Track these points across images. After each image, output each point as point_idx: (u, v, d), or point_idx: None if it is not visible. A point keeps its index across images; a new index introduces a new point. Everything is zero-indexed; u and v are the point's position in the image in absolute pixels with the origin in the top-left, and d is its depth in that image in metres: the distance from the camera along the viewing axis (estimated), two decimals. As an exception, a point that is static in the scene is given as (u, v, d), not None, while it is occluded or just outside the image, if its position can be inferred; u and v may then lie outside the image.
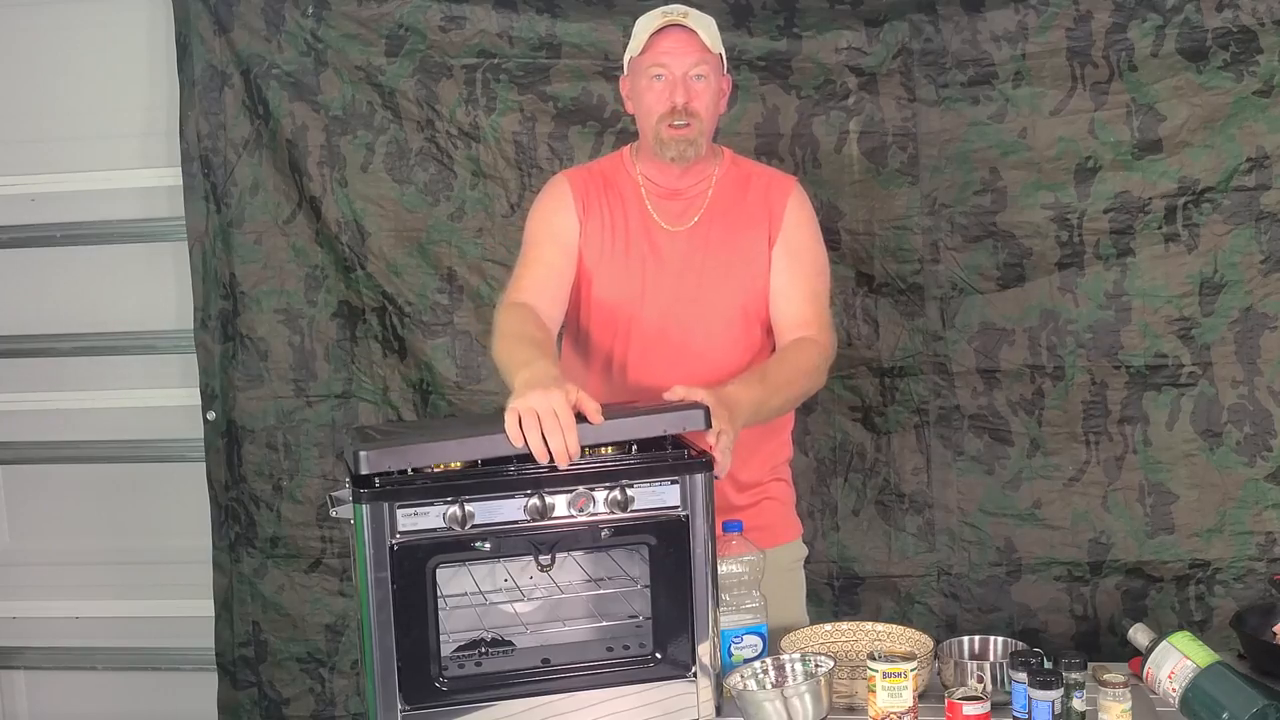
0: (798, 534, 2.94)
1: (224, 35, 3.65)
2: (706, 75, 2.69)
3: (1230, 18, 3.29)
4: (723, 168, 2.81)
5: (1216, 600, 3.43)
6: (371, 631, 2.23)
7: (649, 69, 2.69)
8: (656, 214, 2.77)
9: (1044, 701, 2.21)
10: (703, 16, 2.71)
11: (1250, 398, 3.39)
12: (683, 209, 2.77)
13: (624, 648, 2.42)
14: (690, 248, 2.75)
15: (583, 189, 2.81)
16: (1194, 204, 3.37)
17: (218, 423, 3.79)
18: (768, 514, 2.83)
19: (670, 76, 2.67)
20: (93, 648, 4.08)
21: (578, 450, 2.25)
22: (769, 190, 2.78)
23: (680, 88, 2.66)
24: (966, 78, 3.42)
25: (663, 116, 2.68)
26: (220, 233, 3.73)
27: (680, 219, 2.77)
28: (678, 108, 2.66)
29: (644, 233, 2.76)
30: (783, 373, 2.63)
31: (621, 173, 2.83)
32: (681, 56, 2.67)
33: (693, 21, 2.68)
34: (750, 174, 2.82)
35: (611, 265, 2.77)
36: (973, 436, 3.52)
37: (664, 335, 2.75)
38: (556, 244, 2.78)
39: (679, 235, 2.76)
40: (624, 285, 2.76)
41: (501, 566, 2.46)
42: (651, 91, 2.69)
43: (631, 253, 2.76)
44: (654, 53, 2.68)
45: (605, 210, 2.79)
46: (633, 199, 2.79)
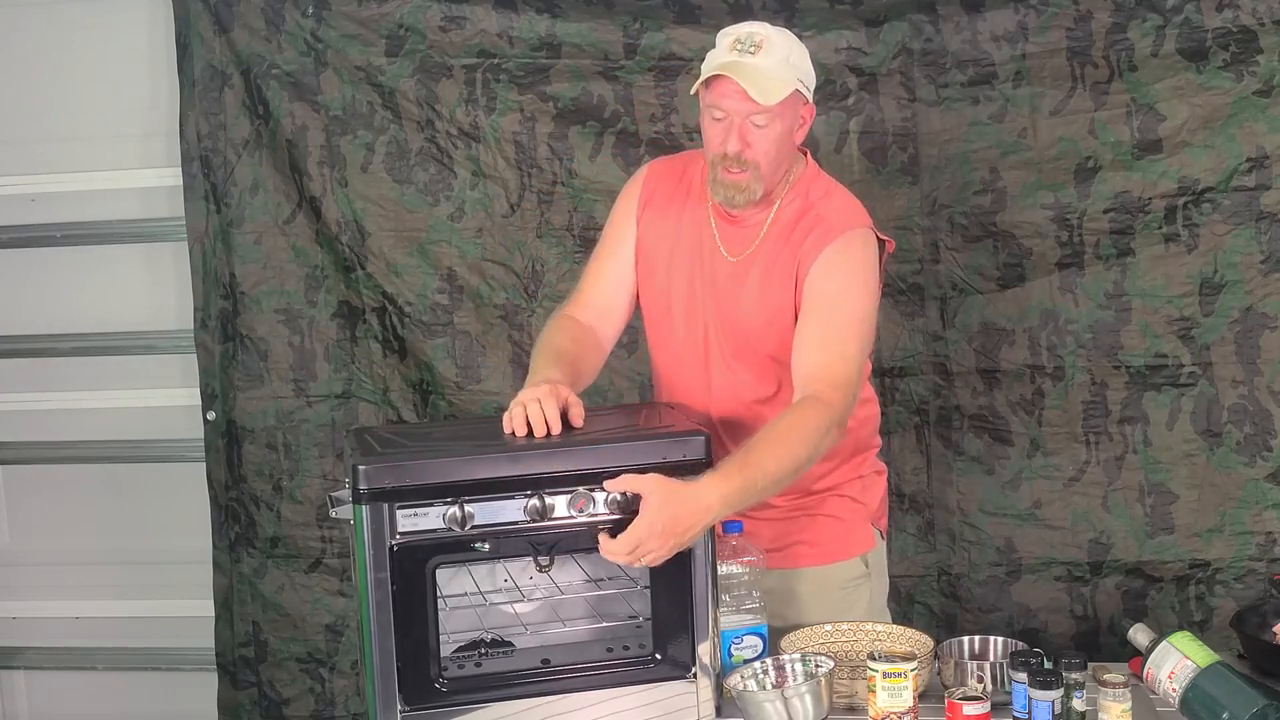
0: (858, 553, 2.78)
1: (224, 35, 3.65)
2: (768, 123, 2.50)
3: (1230, 18, 3.29)
4: (787, 198, 2.62)
5: (1216, 600, 3.43)
6: (371, 632, 2.24)
7: (708, 107, 2.54)
8: (720, 238, 2.65)
9: (1044, 702, 2.21)
10: (778, 46, 2.51)
11: (1250, 398, 3.39)
12: (742, 238, 2.63)
13: (624, 648, 2.42)
14: (736, 279, 2.63)
15: (654, 187, 2.73)
16: (1194, 204, 3.37)
17: (218, 423, 3.79)
18: (820, 530, 2.74)
19: (729, 120, 2.51)
20: (93, 648, 4.08)
21: (556, 423, 2.35)
22: (811, 232, 2.57)
23: (735, 135, 2.51)
24: (966, 78, 3.42)
25: (716, 159, 2.54)
26: (220, 233, 3.73)
27: (738, 248, 2.63)
28: (729, 155, 2.52)
29: (702, 253, 2.66)
30: (771, 448, 2.37)
31: (699, 181, 2.68)
32: (738, 103, 2.49)
33: (758, 61, 2.47)
34: (810, 208, 2.60)
35: (666, 275, 2.69)
36: (973, 436, 3.52)
37: (697, 356, 2.67)
38: (617, 254, 2.74)
39: (733, 265, 2.63)
40: (672, 299, 2.68)
41: (501, 567, 2.46)
42: (710, 128, 2.55)
43: (684, 270, 2.66)
44: (714, 93, 2.52)
45: (673, 216, 2.69)
46: (700, 214, 2.67)
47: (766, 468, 2.34)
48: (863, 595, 2.80)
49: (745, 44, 2.50)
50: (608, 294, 2.75)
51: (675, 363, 2.72)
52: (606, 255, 2.77)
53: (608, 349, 2.77)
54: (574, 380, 2.51)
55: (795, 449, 2.38)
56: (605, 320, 2.74)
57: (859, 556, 2.80)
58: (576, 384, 2.51)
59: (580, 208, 3.59)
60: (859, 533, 2.81)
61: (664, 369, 2.77)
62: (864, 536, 2.82)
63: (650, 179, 2.76)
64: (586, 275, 2.80)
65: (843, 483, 2.75)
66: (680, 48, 3.48)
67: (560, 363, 2.55)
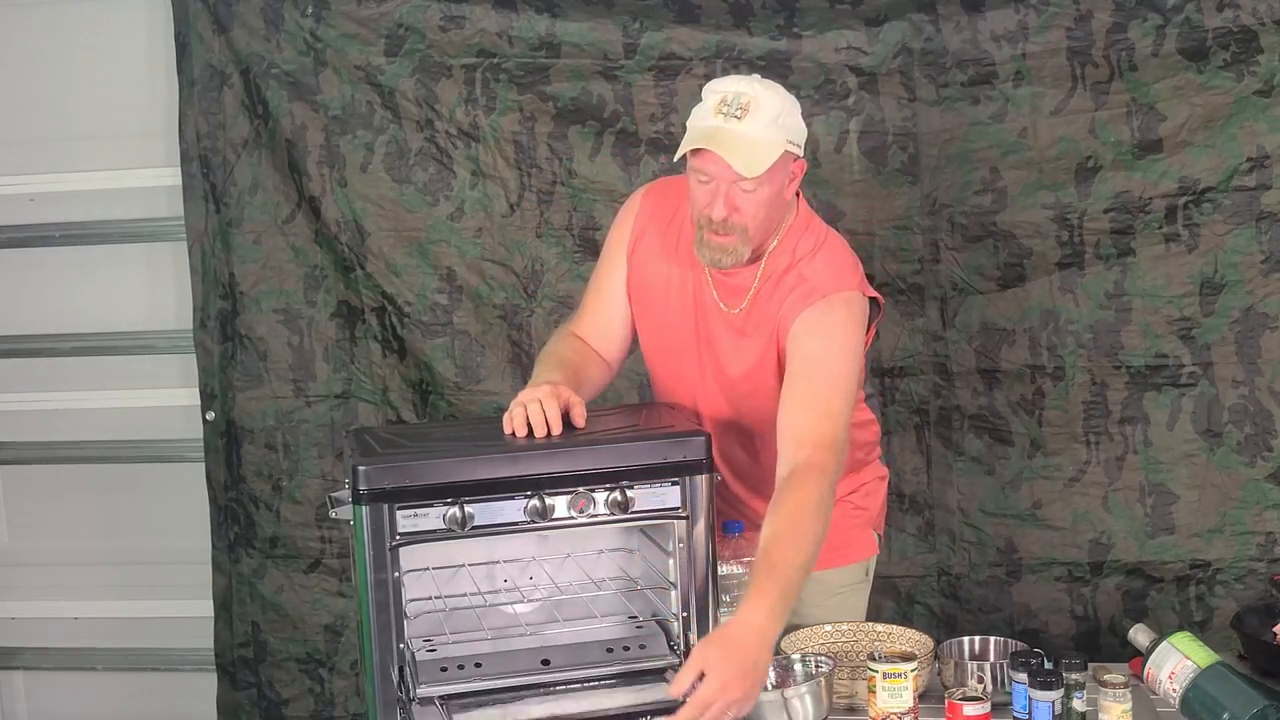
0: (857, 558, 2.79)
1: (223, 35, 3.65)
2: (755, 188, 2.44)
3: (1231, 17, 3.29)
4: (774, 255, 2.57)
5: (1217, 600, 3.43)
6: (371, 632, 2.23)
7: (693, 170, 2.47)
8: (716, 290, 2.61)
9: (1044, 702, 2.22)
10: (765, 107, 2.43)
11: (1251, 398, 3.39)
12: (735, 289, 2.60)
13: (624, 649, 2.42)
14: (733, 332, 2.60)
15: (645, 222, 2.68)
16: (1194, 204, 3.36)
17: (217, 423, 3.79)
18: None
19: (715, 184, 2.45)
20: (92, 648, 4.08)
21: (556, 423, 2.36)
22: (793, 292, 2.53)
23: (721, 200, 2.45)
24: (967, 77, 3.41)
25: (703, 221, 2.48)
26: (219, 233, 3.73)
27: (733, 300, 2.60)
28: (715, 220, 2.46)
29: (698, 300, 2.63)
30: (789, 539, 2.29)
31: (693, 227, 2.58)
32: (725, 169, 2.42)
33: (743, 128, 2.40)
34: (795, 265, 2.55)
35: (662, 315, 2.66)
36: (973, 437, 3.52)
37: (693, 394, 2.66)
38: (611, 284, 2.73)
39: (728, 318, 2.60)
40: (671, 339, 2.66)
41: (501, 567, 2.46)
42: (696, 190, 2.49)
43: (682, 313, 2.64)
44: (698, 159, 2.45)
45: (666, 255, 2.65)
46: (698, 264, 2.59)
47: (793, 561, 2.27)
48: (860, 600, 2.81)
49: (732, 106, 2.42)
50: (606, 320, 2.74)
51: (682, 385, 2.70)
52: (603, 282, 2.76)
53: (616, 366, 2.77)
54: (576, 387, 2.50)
55: (809, 528, 2.32)
56: (608, 343, 2.74)
57: (859, 562, 2.80)
58: (580, 392, 2.50)
59: (580, 207, 3.59)
60: (860, 539, 2.82)
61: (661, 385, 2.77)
62: (865, 542, 2.83)
63: (642, 217, 2.71)
64: (587, 299, 2.79)
65: (844, 494, 2.72)
66: (680, 47, 3.47)
67: (563, 368, 2.56)
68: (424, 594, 2.41)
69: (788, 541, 2.28)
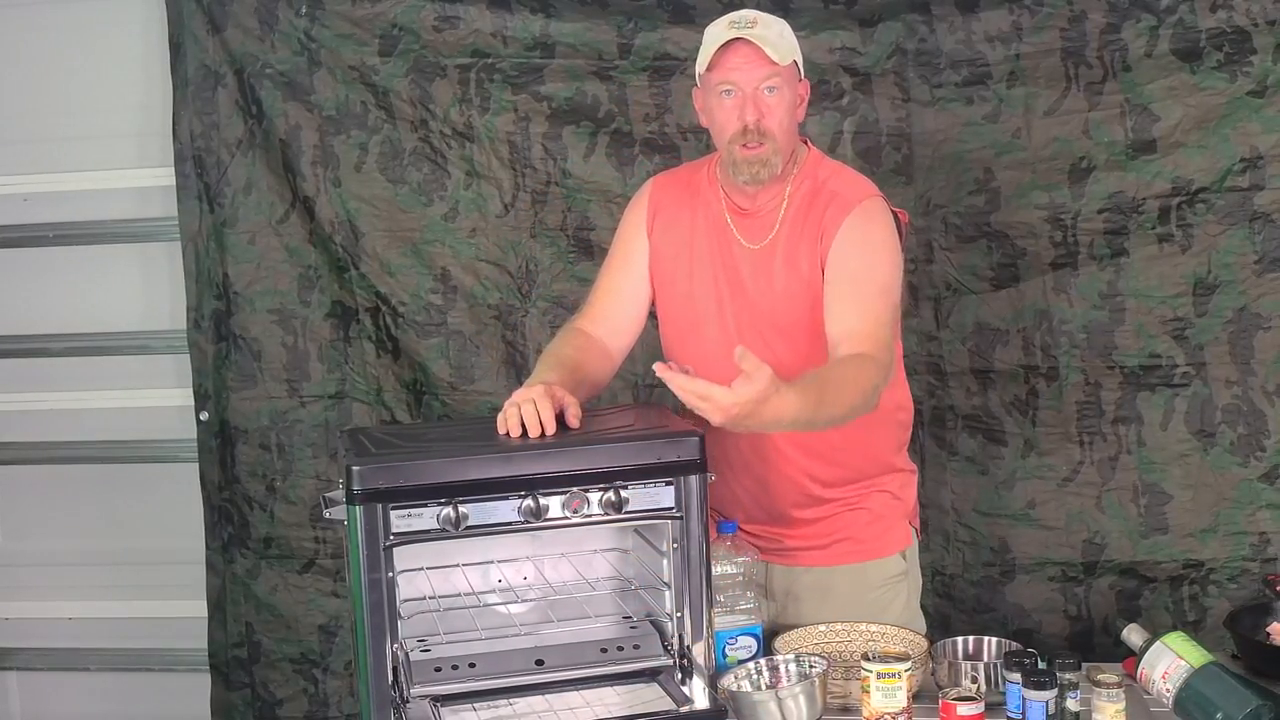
0: (897, 549, 2.78)
1: (217, 35, 3.65)
2: (779, 88, 2.55)
3: (1224, 18, 3.29)
4: (798, 180, 2.65)
5: (1210, 600, 3.43)
6: (365, 633, 2.23)
7: (718, 85, 2.56)
8: (736, 230, 2.66)
9: (1038, 702, 2.22)
10: (773, 23, 2.59)
11: (1244, 398, 3.39)
12: (759, 226, 2.65)
13: (617, 649, 2.42)
14: (761, 267, 2.64)
15: (660, 199, 2.75)
16: (1188, 204, 3.37)
17: (211, 423, 3.79)
18: (859, 525, 2.73)
19: (740, 93, 2.55)
20: (86, 649, 4.07)
21: (550, 423, 2.36)
22: (829, 207, 2.60)
23: (751, 105, 2.54)
24: (961, 78, 3.42)
25: (734, 136, 2.56)
26: (214, 233, 3.72)
27: (757, 236, 2.65)
28: (749, 127, 2.54)
29: (721, 249, 2.67)
30: (839, 392, 2.36)
31: (707, 183, 2.72)
32: (750, 71, 2.53)
33: (759, 32, 2.53)
34: (822, 186, 2.64)
35: (686, 280, 2.69)
36: (967, 437, 3.52)
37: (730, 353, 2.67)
38: (628, 268, 2.76)
39: (755, 254, 2.64)
40: (698, 302, 2.69)
41: (496, 568, 2.46)
42: (722, 109, 2.57)
43: (705, 268, 2.68)
44: (722, 69, 2.55)
45: (685, 222, 2.70)
46: (714, 212, 2.69)
47: (831, 405, 2.33)
48: (900, 593, 2.79)
49: (740, 23, 2.55)
50: (619, 308, 2.75)
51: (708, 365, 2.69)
52: (617, 269, 2.78)
53: (619, 360, 2.78)
54: (574, 386, 2.49)
55: (854, 397, 2.38)
56: (616, 334, 2.75)
57: (898, 553, 2.80)
58: (578, 391, 2.50)
59: (574, 208, 3.59)
60: (898, 529, 2.81)
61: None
62: (903, 533, 2.82)
63: (655, 191, 2.78)
64: (597, 289, 2.80)
65: (878, 474, 2.74)
66: (675, 48, 3.47)
67: (560, 368, 2.56)
68: (418, 594, 2.41)
69: (840, 390, 2.35)
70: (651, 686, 2.36)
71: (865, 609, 2.69)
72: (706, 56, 2.57)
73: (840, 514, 2.72)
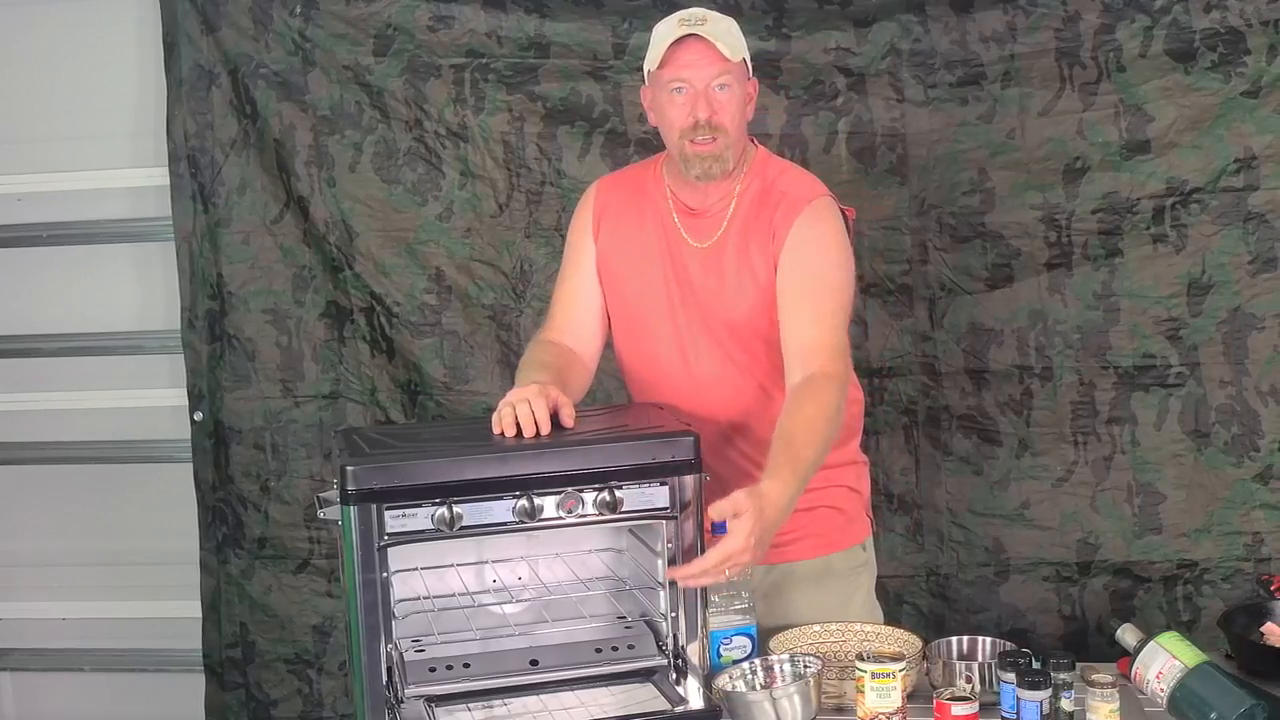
0: (858, 540, 2.81)
1: (211, 35, 3.64)
2: (730, 85, 2.56)
3: (1218, 19, 3.30)
4: (747, 179, 2.66)
5: (1204, 600, 3.44)
6: (359, 633, 2.23)
7: (669, 83, 2.57)
8: (684, 229, 2.67)
9: (1032, 702, 2.22)
10: (721, 20, 2.59)
11: (1238, 398, 3.40)
12: (706, 225, 2.66)
13: (612, 649, 2.42)
14: (709, 267, 2.64)
15: (605, 201, 2.75)
16: (1182, 205, 3.37)
17: (205, 423, 3.78)
18: (821, 522, 2.73)
19: (691, 90, 2.55)
20: (80, 649, 4.07)
21: (545, 422, 2.36)
22: (779, 207, 2.61)
23: (702, 101, 2.54)
24: (955, 78, 3.42)
25: (685, 132, 2.56)
26: (208, 233, 3.72)
27: (704, 235, 2.65)
28: (700, 123, 2.54)
29: (667, 248, 2.67)
30: (808, 439, 2.40)
31: (653, 183, 2.73)
32: (702, 68, 2.54)
33: (711, 29, 2.54)
34: (772, 185, 2.65)
35: (634, 281, 2.70)
36: (961, 437, 3.52)
37: (682, 355, 2.67)
38: (580, 274, 2.75)
39: (703, 253, 2.65)
40: (647, 301, 2.69)
41: (490, 568, 2.46)
42: (673, 106, 2.57)
43: (654, 269, 2.68)
44: (673, 66, 2.55)
45: (632, 222, 2.71)
46: (660, 212, 2.69)
47: (809, 458, 2.39)
48: (863, 583, 2.82)
49: (691, 20, 2.55)
50: (580, 315, 2.75)
51: (655, 366, 2.72)
52: (571, 276, 2.77)
53: (593, 367, 2.77)
54: (562, 389, 2.49)
55: (825, 432, 2.43)
56: (583, 341, 2.74)
57: (859, 544, 2.82)
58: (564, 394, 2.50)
59: (569, 208, 3.56)
60: (859, 521, 2.83)
61: (644, 374, 2.76)
62: (863, 524, 2.84)
63: (600, 194, 2.78)
64: (556, 300, 2.80)
65: (840, 466, 2.75)
66: (669, 48, 3.47)
67: (546, 371, 2.56)
68: (412, 594, 2.40)
69: (807, 439, 2.40)
70: (646, 687, 2.36)
71: (832, 599, 2.71)
72: (658, 53, 2.56)
73: (800, 512, 2.67)
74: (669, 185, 2.70)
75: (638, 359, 2.76)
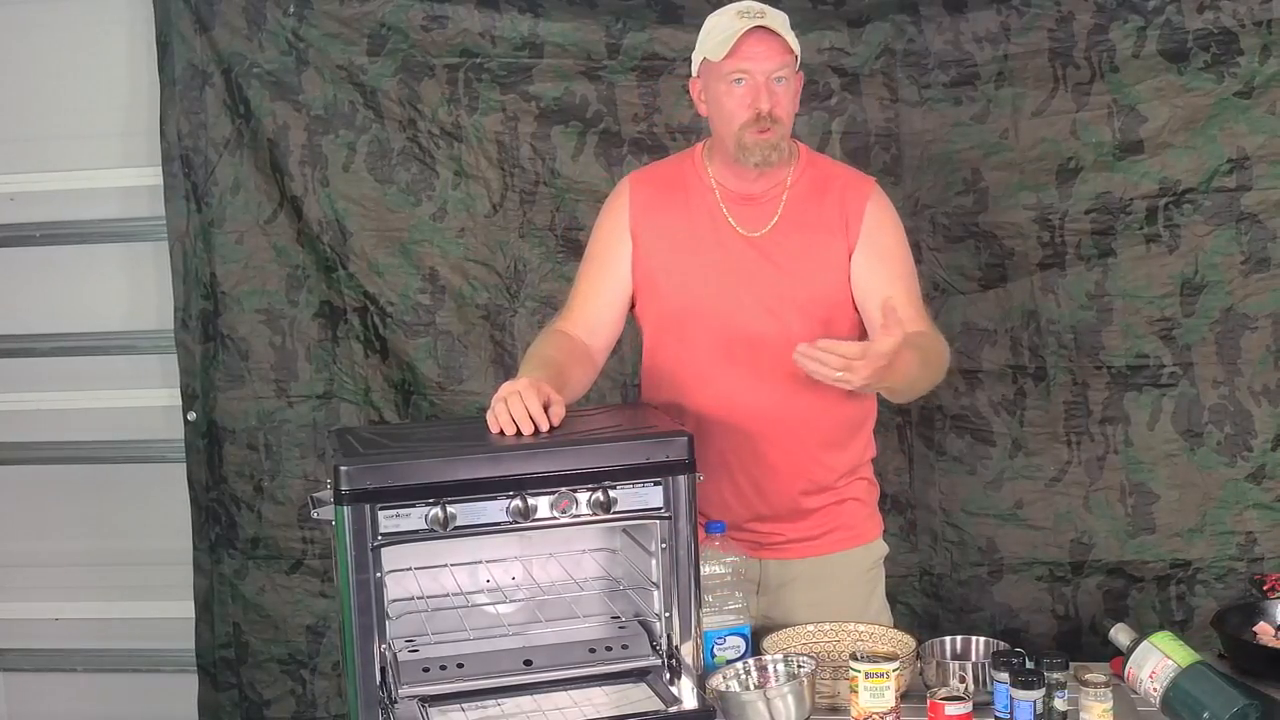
0: (878, 533, 2.86)
1: (205, 34, 3.64)
2: (787, 78, 2.60)
3: (1211, 19, 3.30)
4: (798, 170, 2.69)
5: (1197, 600, 3.44)
6: (353, 633, 2.23)
7: (729, 74, 2.57)
8: (732, 219, 2.67)
9: (1026, 701, 2.22)
10: (777, 13, 2.60)
11: (1231, 398, 3.40)
12: (758, 213, 2.67)
13: (606, 649, 2.42)
14: (766, 254, 2.65)
15: (643, 197, 2.74)
16: (1175, 205, 3.38)
17: (198, 423, 3.78)
18: (849, 514, 2.78)
19: (753, 81, 2.56)
20: (72, 649, 4.06)
21: (542, 418, 2.36)
22: (845, 194, 2.67)
23: (764, 93, 2.56)
24: (949, 78, 3.42)
25: (747, 123, 2.57)
26: (201, 232, 3.72)
27: (756, 224, 2.66)
28: (763, 114, 2.56)
29: (716, 238, 2.67)
30: (932, 360, 2.60)
31: (693, 175, 2.73)
32: (765, 60, 2.56)
33: (772, 21, 2.56)
34: (828, 175, 2.71)
35: (679, 275, 2.68)
36: (955, 437, 3.53)
37: (734, 344, 2.65)
38: (609, 269, 2.74)
39: (755, 241, 2.66)
40: (695, 292, 2.67)
41: (484, 568, 2.46)
42: (732, 97, 2.58)
43: (701, 259, 2.67)
44: (737, 57, 2.55)
45: (671, 216, 2.70)
46: (705, 203, 2.69)
47: (929, 372, 2.60)
48: (881, 577, 2.86)
49: (750, 13, 2.57)
50: (600, 309, 2.74)
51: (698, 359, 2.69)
52: (597, 271, 2.76)
53: (600, 362, 2.77)
54: (559, 388, 2.48)
55: (938, 370, 2.66)
56: (596, 335, 2.74)
57: (879, 537, 2.86)
58: (562, 391, 2.48)
59: (563, 208, 3.59)
60: (876, 515, 2.87)
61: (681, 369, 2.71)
62: (879, 518, 2.88)
63: (637, 187, 2.77)
64: (577, 292, 2.78)
65: (863, 462, 2.81)
66: (663, 47, 3.47)
67: (546, 367, 2.54)
68: (406, 594, 2.40)
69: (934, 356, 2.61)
70: (640, 687, 2.36)
71: (858, 593, 2.75)
72: (719, 44, 2.56)
73: (834, 504, 2.76)
74: (714, 176, 2.71)
75: (675, 358, 2.72)
